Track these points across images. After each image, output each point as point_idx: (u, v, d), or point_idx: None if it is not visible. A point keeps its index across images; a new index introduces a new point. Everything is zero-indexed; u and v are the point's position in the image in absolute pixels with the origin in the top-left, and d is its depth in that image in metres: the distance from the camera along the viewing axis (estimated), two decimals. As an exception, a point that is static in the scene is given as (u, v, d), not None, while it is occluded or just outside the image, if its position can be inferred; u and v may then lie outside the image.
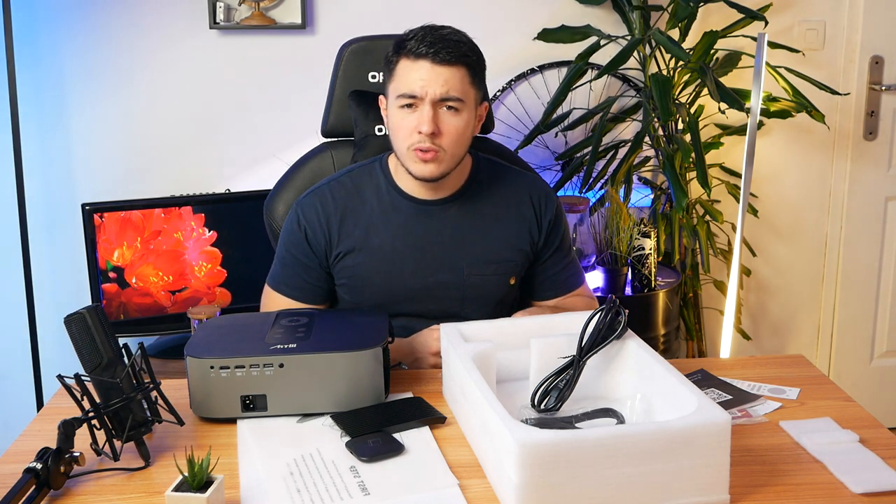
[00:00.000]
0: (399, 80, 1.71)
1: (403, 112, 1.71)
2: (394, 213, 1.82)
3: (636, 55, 2.81)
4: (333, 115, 2.08)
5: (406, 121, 1.71)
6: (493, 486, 1.29)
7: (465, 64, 1.71)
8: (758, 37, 2.50)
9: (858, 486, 1.29)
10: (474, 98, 1.75)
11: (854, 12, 3.01)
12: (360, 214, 1.82)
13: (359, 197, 1.83)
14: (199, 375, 1.48)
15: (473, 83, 1.74)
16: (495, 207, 1.85)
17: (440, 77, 1.68)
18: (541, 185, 1.93)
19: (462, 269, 1.81)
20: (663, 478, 1.22)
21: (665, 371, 1.38)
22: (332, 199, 1.83)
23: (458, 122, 1.72)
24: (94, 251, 2.63)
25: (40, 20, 2.83)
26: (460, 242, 1.82)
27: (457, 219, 1.83)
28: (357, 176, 1.86)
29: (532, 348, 1.51)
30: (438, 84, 1.68)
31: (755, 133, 2.53)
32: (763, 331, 3.25)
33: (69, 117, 2.90)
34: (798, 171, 3.13)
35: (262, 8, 2.82)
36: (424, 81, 1.68)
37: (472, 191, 1.84)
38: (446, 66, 1.68)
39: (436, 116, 1.69)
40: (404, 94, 1.70)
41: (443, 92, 1.69)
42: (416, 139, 1.70)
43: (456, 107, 1.71)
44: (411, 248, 1.81)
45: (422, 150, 1.70)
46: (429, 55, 1.68)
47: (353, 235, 1.81)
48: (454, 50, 1.69)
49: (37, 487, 1.25)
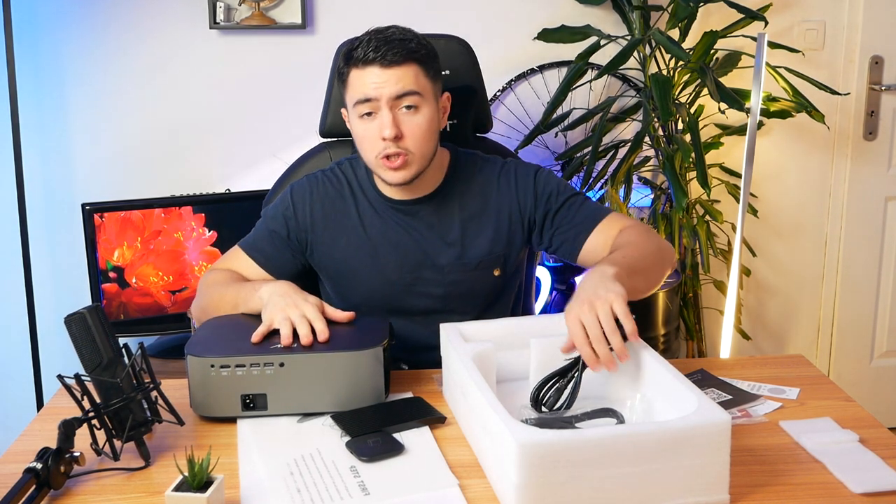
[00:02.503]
0: (353, 90, 1.70)
1: (364, 122, 1.70)
2: (375, 211, 1.82)
3: (636, 55, 2.81)
4: (332, 115, 2.08)
5: (368, 130, 1.70)
6: (493, 486, 1.29)
7: (414, 60, 1.69)
8: (758, 37, 2.50)
9: (858, 486, 1.29)
10: (432, 91, 1.73)
11: (854, 12, 3.01)
12: (347, 207, 1.83)
13: (349, 190, 1.84)
14: (199, 374, 1.48)
15: (428, 76, 1.71)
16: (475, 200, 1.83)
17: (392, 77, 1.67)
18: (516, 164, 1.87)
19: (443, 267, 1.81)
20: (663, 478, 1.22)
21: (665, 371, 1.38)
22: (324, 188, 1.84)
23: (419, 119, 1.70)
24: (94, 251, 2.63)
25: (40, 20, 2.83)
26: (441, 239, 1.81)
27: (436, 216, 1.82)
28: (347, 169, 1.87)
29: (532, 348, 1.51)
30: (391, 84, 1.66)
31: (755, 133, 2.53)
32: (763, 331, 3.25)
33: (69, 117, 2.90)
34: (798, 171, 3.13)
35: (262, 8, 2.82)
36: (377, 84, 1.67)
37: (449, 187, 1.83)
38: (395, 66, 1.67)
39: (395, 119, 1.68)
40: (360, 101, 1.68)
41: (397, 90, 1.67)
42: (381, 146, 1.69)
43: (414, 104, 1.69)
44: (392, 246, 1.81)
45: (388, 158, 1.69)
46: (376, 60, 1.66)
47: (335, 227, 1.82)
48: (400, 49, 1.67)
49: (37, 487, 1.25)
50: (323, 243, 1.83)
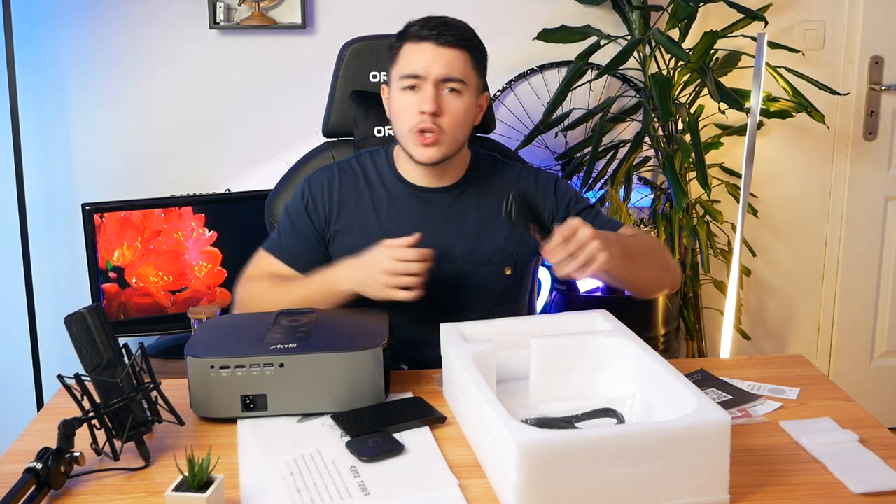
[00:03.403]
0: (402, 63, 1.74)
1: (406, 94, 1.74)
2: (392, 199, 1.83)
3: (636, 55, 2.81)
4: (334, 114, 2.09)
5: (408, 103, 1.73)
6: (493, 486, 1.29)
7: (467, 48, 1.74)
8: (758, 37, 2.50)
9: (858, 486, 1.29)
10: (476, 84, 1.77)
11: (854, 12, 3.01)
12: (362, 197, 1.84)
13: (364, 180, 1.86)
14: (199, 375, 1.48)
15: (475, 68, 1.76)
16: (492, 198, 1.85)
17: (443, 58, 1.71)
18: (539, 173, 1.92)
19: (455, 259, 1.82)
20: (663, 478, 1.22)
21: (665, 371, 1.38)
22: (339, 178, 1.86)
23: (459, 103, 1.73)
24: (94, 251, 2.63)
25: (40, 20, 2.83)
26: (456, 231, 1.83)
27: (454, 208, 1.84)
28: (363, 160, 1.89)
29: (532, 348, 1.51)
30: (441, 64, 1.71)
31: (755, 133, 2.53)
32: (763, 331, 3.25)
33: (69, 117, 2.90)
34: (798, 171, 3.13)
35: (262, 8, 2.82)
36: (427, 62, 1.71)
37: (470, 182, 1.85)
38: (449, 47, 1.71)
39: (438, 97, 1.72)
40: (407, 75, 1.72)
41: (445, 72, 1.71)
42: (418, 119, 1.72)
43: (458, 89, 1.73)
44: (408, 235, 1.81)
45: (422, 132, 1.72)
46: (431, 37, 1.71)
47: (352, 216, 1.84)
48: (457, 33, 1.73)
49: (37, 487, 1.25)
50: (339, 232, 1.85)
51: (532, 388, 1.52)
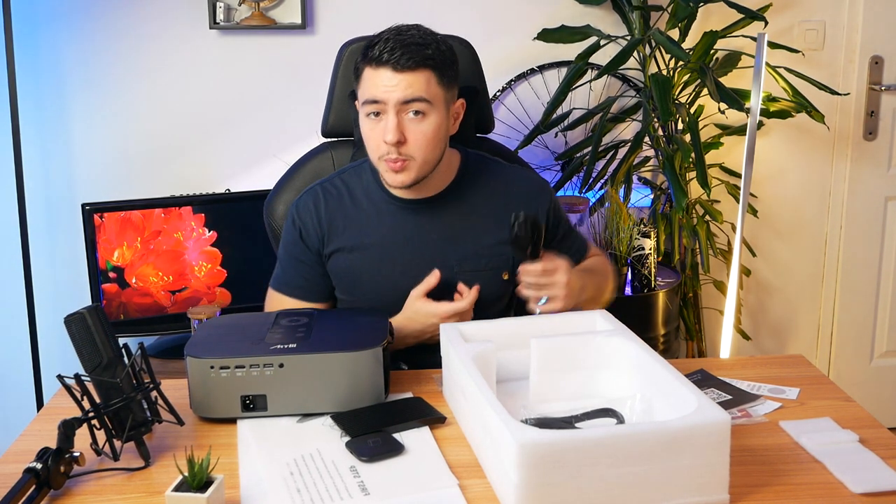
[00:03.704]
0: (363, 87, 1.71)
1: (371, 122, 1.71)
2: (383, 214, 1.82)
3: (636, 55, 2.81)
4: (334, 114, 2.08)
5: (374, 131, 1.71)
6: (493, 486, 1.29)
7: (428, 66, 1.68)
8: (758, 37, 2.50)
9: (858, 486, 1.29)
10: (443, 98, 1.72)
11: (854, 12, 3.01)
12: (351, 215, 1.83)
13: (349, 197, 1.84)
14: (199, 375, 1.48)
15: (441, 83, 1.71)
16: (485, 202, 1.84)
17: (402, 82, 1.67)
18: (532, 178, 1.93)
19: (452, 266, 1.81)
20: (663, 478, 1.22)
21: (665, 371, 1.38)
22: (324, 199, 1.84)
23: (424, 127, 1.69)
24: (94, 251, 2.63)
25: (40, 20, 2.83)
26: (449, 239, 1.82)
27: (445, 216, 1.83)
28: (347, 177, 1.87)
29: (532, 348, 1.51)
30: (400, 89, 1.67)
31: (755, 133, 2.53)
32: (763, 331, 3.25)
33: (69, 117, 2.90)
34: (798, 171, 3.13)
35: (262, 8, 2.82)
36: (387, 88, 1.67)
37: (460, 188, 1.84)
38: (408, 71, 1.66)
39: (401, 124, 1.68)
40: (368, 101, 1.70)
41: (405, 96, 1.67)
42: (384, 150, 1.70)
43: (422, 110, 1.69)
44: (401, 248, 1.81)
45: (390, 161, 1.70)
46: (390, 62, 1.66)
47: (343, 235, 1.82)
48: (416, 55, 1.67)
49: (37, 487, 1.25)
50: (335, 253, 1.83)
51: (532, 388, 1.52)
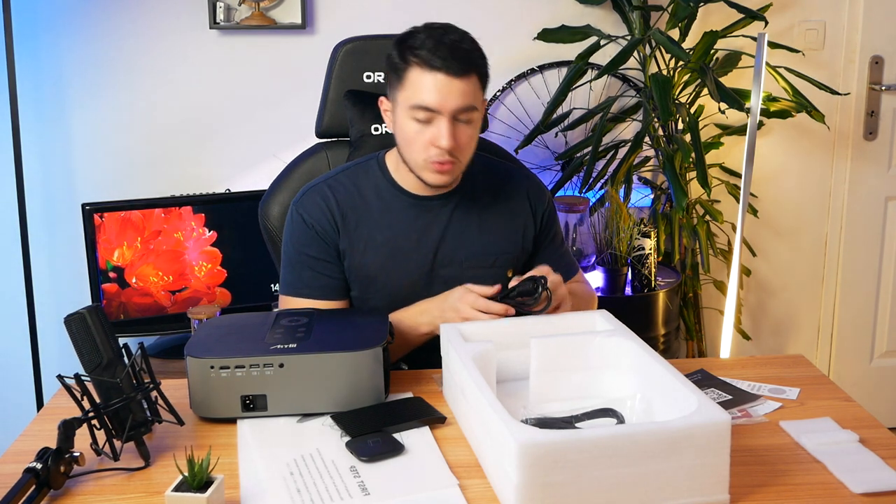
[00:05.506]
0: (412, 90, 1.67)
1: (418, 125, 1.68)
2: (393, 211, 1.82)
3: (636, 55, 2.81)
4: (328, 115, 2.08)
5: (421, 134, 1.69)
6: (493, 486, 1.29)
7: (476, 73, 1.70)
8: (758, 37, 2.50)
9: (858, 486, 1.29)
10: (482, 101, 1.75)
11: (854, 12, 3.01)
12: (361, 213, 1.81)
13: (358, 196, 1.82)
14: (199, 375, 1.48)
15: (482, 87, 1.74)
16: (491, 200, 1.86)
17: (456, 90, 1.65)
18: (533, 178, 1.96)
19: (461, 263, 1.82)
20: (663, 478, 1.22)
21: (665, 371, 1.38)
22: (333, 196, 1.81)
23: (472, 131, 1.72)
24: (94, 251, 2.63)
25: (40, 20, 2.83)
26: (459, 236, 1.83)
27: (455, 213, 1.83)
28: (354, 175, 1.85)
29: (532, 348, 1.51)
30: (455, 97, 1.66)
31: (755, 133, 2.53)
32: (763, 331, 3.25)
33: (69, 117, 2.90)
34: (798, 171, 3.13)
35: (262, 8, 2.82)
36: (442, 95, 1.65)
37: (468, 185, 1.85)
38: (461, 77, 1.66)
39: (454, 130, 1.68)
40: (420, 107, 1.67)
41: (461, 104, 1.66)
42: (434, 153, 1.69)
43: (472, 117, 1.70)
44: (412, 244, 1.81)
45: (437, 163, 1.70)
46: (443, 68, 1.64)
47: (354, 233, 1.81)
48: (465, 60, 1.67)
49: (37, 487, 1.25)
50: (346, 251, 1.81)
51: (532, 388, 1.52)
